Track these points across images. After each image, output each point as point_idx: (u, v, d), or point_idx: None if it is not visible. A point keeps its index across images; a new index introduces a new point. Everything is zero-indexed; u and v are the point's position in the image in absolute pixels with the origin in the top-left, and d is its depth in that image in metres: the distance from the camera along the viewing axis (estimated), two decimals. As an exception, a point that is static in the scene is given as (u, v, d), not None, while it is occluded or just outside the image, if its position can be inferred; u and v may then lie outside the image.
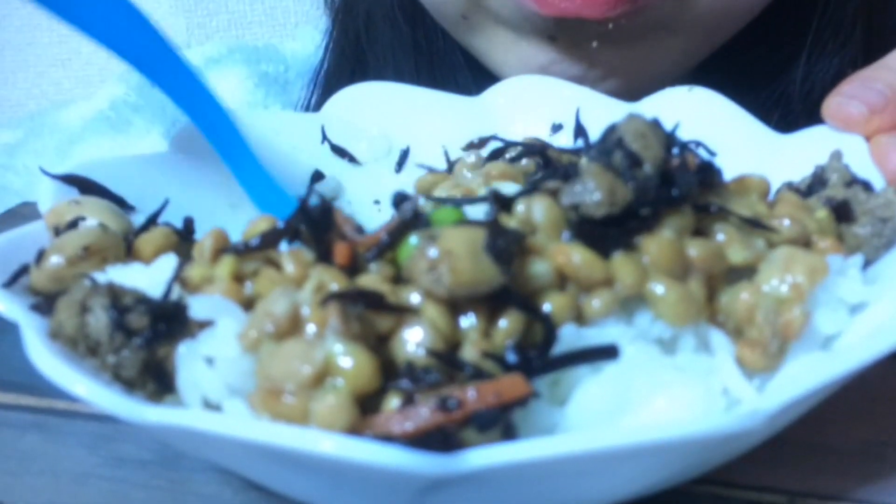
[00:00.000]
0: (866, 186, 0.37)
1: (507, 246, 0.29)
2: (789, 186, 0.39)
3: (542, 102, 0.52)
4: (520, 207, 0.31)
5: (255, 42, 0.79)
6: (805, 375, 0.28)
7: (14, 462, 0.35)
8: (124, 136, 0.72)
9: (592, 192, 0.30)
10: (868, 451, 0.34)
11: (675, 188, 0.31)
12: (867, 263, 0.35)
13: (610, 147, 0.31)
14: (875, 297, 0.32)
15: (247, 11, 0.75)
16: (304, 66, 0.78)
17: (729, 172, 0.36)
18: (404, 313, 0.28)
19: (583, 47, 0.54)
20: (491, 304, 0.29)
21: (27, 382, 0.39)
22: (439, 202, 0.33)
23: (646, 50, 0.55)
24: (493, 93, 0.53)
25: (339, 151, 0.51)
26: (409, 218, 0.30)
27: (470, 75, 0.65)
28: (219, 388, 0.29)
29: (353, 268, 0.30)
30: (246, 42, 0.79)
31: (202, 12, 0.80)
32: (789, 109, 0.63)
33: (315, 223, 0.31)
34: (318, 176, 0.50)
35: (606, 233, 0.31)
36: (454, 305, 0.28)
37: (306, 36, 0.80)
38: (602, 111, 0.51)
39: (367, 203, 0.50)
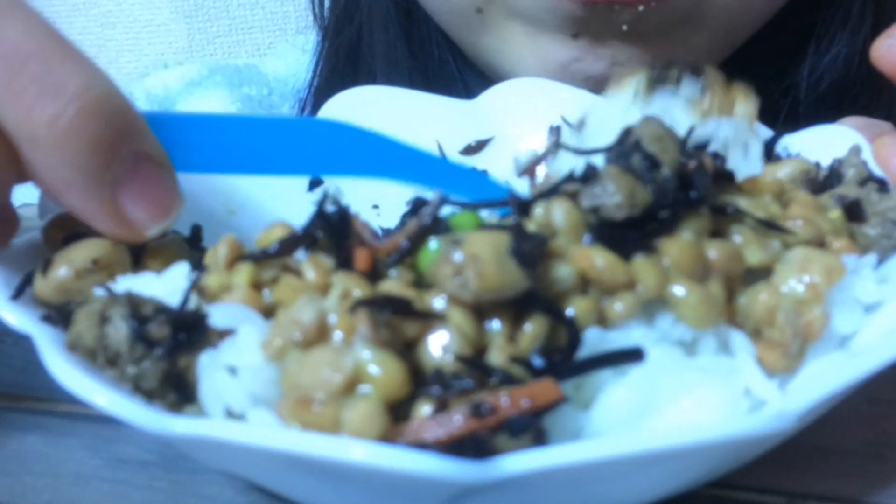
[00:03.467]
0: (882, 185, 0.37)
1: (532, 250, 0.29)
2: (806, 178, 0.39)
3: (538, 105, 0.52)
4: (538, 211, 0.31)
5: (236, 61, 0.78)
6: (827, 376, 0.29)
7: (15, 463, 0.34)
8: None
9: (612, 194, 0.30)
10: (868, 453, 0.34)
11: (694, 190, 0.31)
12: (877, 263, 0.35)
13: (627, 150, 0.31)
14: (889, 297, 0.32)
15: (247, 17, 0.75)
16: (287, 88, 0.76)
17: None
18: (430, 319, 0.28)
19: (606, 43, 0.54)
20: (515, 308, 0.28)
21: (28, 384, 0.39)
22: (458, 206, 0.33)
23: (668, 47, 0.55)
24: (489, 95, 0.53)
25: (338, 156, 0.50)
26: (429, 223, 0.30)
27: (464, 88, 0.65)
28: (242, 397, 0.29)
29: (374, 273, 0.30)
30: (226, 62, 0.77)
31: (202, 17, 0.79)
32: (797, 101, 0.63)
33: (334, 229, 0.31)
34: (316, 181, 0.49)
35: (626, 235, 0.31)
36: (479, 310, 0.28)
37: (287, 54, 0.79)
38: (599, 113, 0.51)
39: (365, 208, 0.49)
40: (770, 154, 0.44)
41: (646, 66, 0.46)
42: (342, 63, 0.69)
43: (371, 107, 0.52)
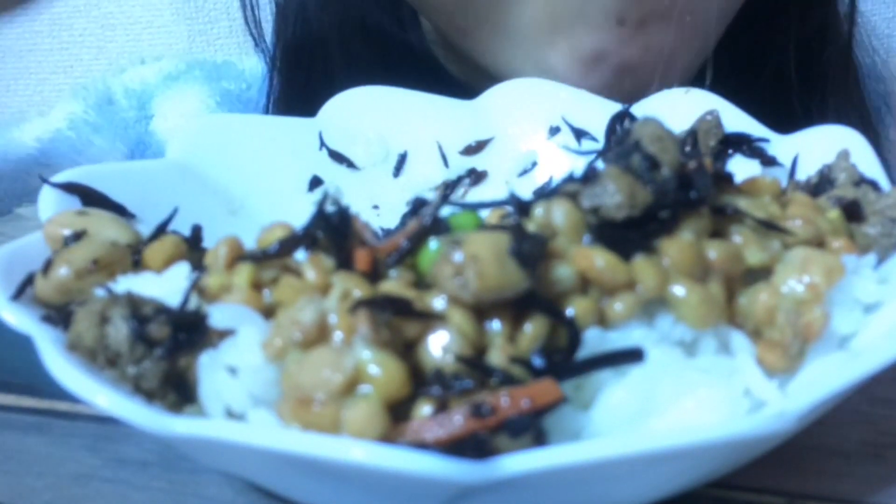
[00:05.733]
0: (874, 186, 0.37)
1: (532, 250, 0.28)
2: (796, 185, 0.39)
3: (538, 105, 0.53)
4: (539, 211, 0.31)
5: (214, 58, 0.78)
6: (828, 376, 0.29)
7: (15, 463, 0.34)
8: (85, 159, 0.70)
9: (613, 194, 0.30)
10: (868, 453, 0.34)
11: (694, 190, 0.31)
12: (877, 263, 0.35)
13: (627, 150, 0.31)
14: (888, 297, 0.32)
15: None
16: (264, 85, 0.77)
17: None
18: (431, 319, 0.28)
19: (646, 28, 0.53)
20: (515, 308, 0.28)
21: (28, 384, 0.39)
22: (458, 206, 0.33)
23: (683, 30, 0.55)
24: (489, 96, 0.54)
25: (338, 157, 0.51)
26: (429, 223, 0.30)
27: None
28: (242, 397, 0.29)
29: (374, 274, 0.30)
30: (204, 58, 0.77)
31: (203, 20, 0.79)
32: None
33: (334, 229, 0.31)
34: (316, 182, 0.49)
35: (626, 235, 0.31)
36: (479, 311, 0.28)
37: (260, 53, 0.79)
38: (598, 113, 0.51)
39: (365, 208, 0.50)
40: (766, 157, 0.44)
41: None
42: (297, 87, 0.69)
43: (371, 107, 0.53)
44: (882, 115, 0.77)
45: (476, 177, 0.51)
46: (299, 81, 0.69)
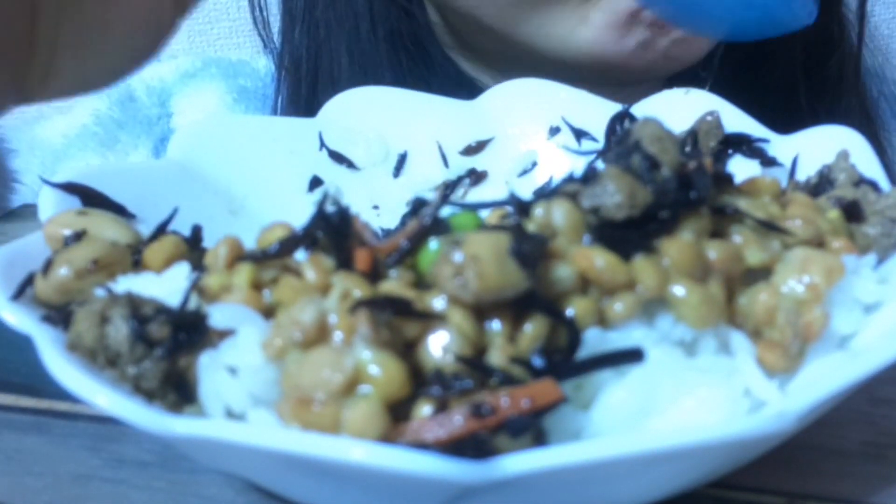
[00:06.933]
0: (874, 186, 0.37)
1: (532, 250, 0.28)
2: (796, 185, 0.39)
3: (538, 105, 0.53)
4: (539, 211, 0.31)
5: (228, 55, 0.78)
6: (827, 376, 0.29)
7: (15, 463, 0.34)
8: (112, 153, 0.71)
9: (613, 194, 0.30)
10: (867, 453, 0.34)
11: (694, 190, 0.31)
12: (877, 263, 0.35)
13: (627, 150, 0.31)
14: (888, 297, 0.32)
15: (248, 19, 0.75)
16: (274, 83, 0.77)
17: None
18: (431, 319, 0.28)
19: None
20: (515, 308, 0.28)
21: (28, 384, 0.39)
22: (458, 206, 0.33)
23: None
24: (489, 96, 0.54)
25: (338, 157, 0.51)
26: (430, 223, 0.30)
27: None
28: (242, 397, 0.29)
29: (374, 274, 0.30)
30: (220, 56, 0.78)
31: (203, 20, 0.79)
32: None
33: (334, 230, 0.31)
34: (316, 182, 0.49)
35: (626, 236, 0.31)
36: (479, 311, 0.28)
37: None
38: (598, 113, 0.51)
39: (365, 208, 0.50)
40: (766, 158, 0.44)
41: None
42: (304, 86, 0.69)
43: (371, 107, 0.53)
44: (886, 117, 0.77)
45: (476, 177, 0.51)
46: (307, 81, 0.69)
